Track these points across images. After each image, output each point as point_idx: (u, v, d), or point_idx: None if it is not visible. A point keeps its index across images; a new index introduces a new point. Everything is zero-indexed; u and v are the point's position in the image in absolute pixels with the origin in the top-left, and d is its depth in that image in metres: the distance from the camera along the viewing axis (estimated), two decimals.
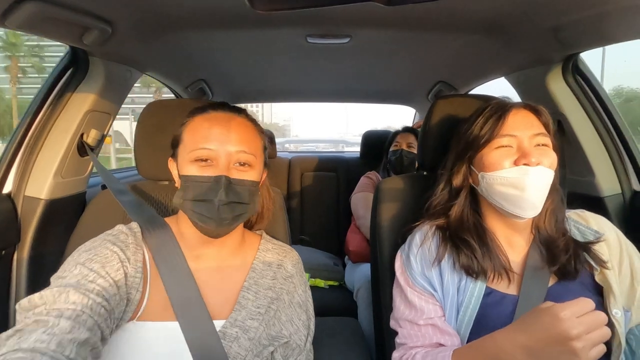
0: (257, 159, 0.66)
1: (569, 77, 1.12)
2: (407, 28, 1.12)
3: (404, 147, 1.78)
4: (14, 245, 0.97)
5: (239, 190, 0.61)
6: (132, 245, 0.63)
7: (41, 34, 0.84)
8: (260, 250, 0.73)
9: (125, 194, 0.78)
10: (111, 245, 0.61)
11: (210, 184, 0.60)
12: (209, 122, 0.63)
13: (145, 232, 0.67)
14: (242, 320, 0.63)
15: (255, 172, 0.65)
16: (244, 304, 0.65)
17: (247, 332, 0.62)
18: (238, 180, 0.61)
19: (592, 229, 0.74)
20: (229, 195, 0.60)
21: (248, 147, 0.63)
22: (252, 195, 0.64)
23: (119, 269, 0.59)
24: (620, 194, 1.09)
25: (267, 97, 2.62)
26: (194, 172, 0.61)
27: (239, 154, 0.62)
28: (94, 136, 1.09)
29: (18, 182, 0.99)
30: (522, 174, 0.65)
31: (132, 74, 1.23)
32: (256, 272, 0.69)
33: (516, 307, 0.66)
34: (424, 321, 0.70)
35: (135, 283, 0.60)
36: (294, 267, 0.73)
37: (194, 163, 0.61)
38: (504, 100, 0.75)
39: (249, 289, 0.67)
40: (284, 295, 0.69)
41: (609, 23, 0.85)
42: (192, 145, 0.62)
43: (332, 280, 1.71)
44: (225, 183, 0.59)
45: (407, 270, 0.74)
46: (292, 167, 2.29)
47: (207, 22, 1.06)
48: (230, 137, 0.62)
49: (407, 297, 0.73)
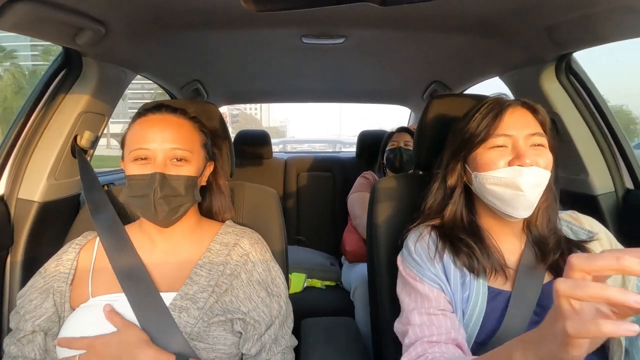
0: (194, 154, 0.71)
1: (562, 77, 1.13)
2: (401, 28, 1.12)
3: (402, 144, 1.79)
4: (7, 249, 0.96)
5: (174, 184, 0.67)
6: (70, 248, 0.75)
7: (34, 35, 0.84)
8: (219, 233, 0.78)
9: (96, 192, 0.85)
10: (40, 279, 0.71)
11: (147, 180, 0.66)
12: (147, 124, 0.70)
13: (94, 218, 0.77)
14: (193, 293, 0.68)
15: (192, 167, 0.70)
16: (196, 279, 0.70)
17: (197, 303, 0.67)
18: (174, 176, 0.67)
19: (585, 229, 0.74)
20: (163, 189, 0.66)
21: (182, 144, 0.69)
22: (189, 188, 0.70)
23: (44, 300, 0.69)
24: (613, 192, 1.10)
25: (262, 98, 2.62)
26: (134, 171, 0.67)
27: (174, 151, 0.68)
28: (88, 137, 1.08)
29: (11, 185, 0.98)
30: (516, 174, 0.65)
31: (127, 75, 1.22)
32: (212, 252, 0.74)
33: (508, 303, 0.67)
34: (438, 311, 0.66)
35: (64, 278, 0.70)
36: (252, 245, 0.76)
37: (134, 162, 0.68)
38: (501, 98, 0.74)
39: (203, 267, 0.72)
40: (242, 274, 0.72)
41: (601, 23, 0.86)
42: (131, 146, 0.69)
43: (328, 281, 1.71)
44: (159, 179, 0.65)
45: (412, 269, 0.72)
46: (288, 167, 2.29)
47: (202, 22, 1.06)
48: (165, 135, 0.68)
49: (416, 289, 0.69)
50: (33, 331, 0.67)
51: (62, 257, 0.73)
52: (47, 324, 0.67)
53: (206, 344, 0.66)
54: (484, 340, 0.66)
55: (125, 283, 0.68)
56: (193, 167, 0.71)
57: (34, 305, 0.68)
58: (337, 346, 0.98)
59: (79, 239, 0.77)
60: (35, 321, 0.66)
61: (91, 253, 0.75)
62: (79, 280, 0.71)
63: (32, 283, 0.71)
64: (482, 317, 0.67)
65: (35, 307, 0.68)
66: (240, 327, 0.69)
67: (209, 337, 0.66)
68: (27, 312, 0.67)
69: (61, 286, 0.70)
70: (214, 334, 0.67)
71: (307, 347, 0.96)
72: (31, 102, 0.99)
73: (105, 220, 0.77)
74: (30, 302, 0.68)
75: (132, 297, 0.66)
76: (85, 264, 0.73)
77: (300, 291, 1.61)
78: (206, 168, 0.77)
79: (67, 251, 0.74)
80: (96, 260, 0.73)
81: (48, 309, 0.68)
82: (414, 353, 0.63)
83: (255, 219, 0.89)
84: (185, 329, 0.65)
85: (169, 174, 0.67)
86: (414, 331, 0.65)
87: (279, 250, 0.88)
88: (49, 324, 0.67)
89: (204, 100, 1.95)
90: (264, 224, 0.89)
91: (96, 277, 0.71)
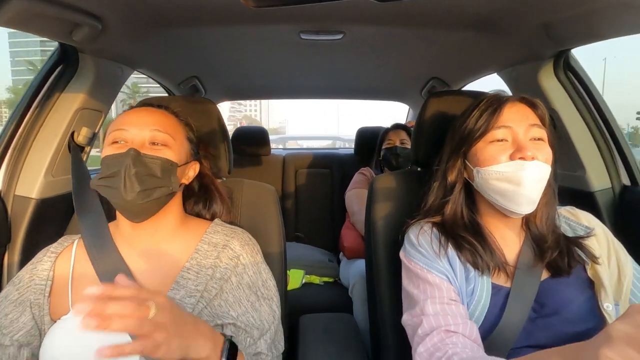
0: (177, 142, 0.68)
1: (560, 73, 1.13)
2: (399, 24, 1.12)
3: (397, 143, 1.79)
4: (5, 246, 0.95)
5: (149, 163, 0.63)
6: (45, 257, 0.70)
7: (30, 31, 0.83)
8: (207, 233, 0.73)
9: (85, 191, 0.80)
10: (14, 291, 0.66)
11: (120, 158, 0.61)
12: (130, 112, 0.69)
13: (80, 218, 0.73)
14: (181, 298, 0.64)
15: (172, 153, 0.67)
16: (183, 283, 0.66)
17: (184, 309, 0.64)
18: (150, 156, 0.63)
19: (583, 225, 0.75)
20: (136, 165, 0.61)
21: (164, 128, 0.66)
22: (166, 172, 0.65)
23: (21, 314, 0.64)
24: (610, 189, 1.11)
25: (260, 94, 2.61)
26: (108, 152, 0.63)
27: (153, 132, 0.65)
28: (85, 134, 1.07)
29: (8, 182, 0.97)
30: (518, 168, 0.65)
31: (124, 71, 1.22)
32: (200, 253, 0.70)
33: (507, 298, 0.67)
34: (450, 300, 0.65)
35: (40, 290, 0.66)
36: (243, 247, 0.72)
37: (110, 146, 0.64)
38: (500, 94, 0.74)
39: (190, 270, 0.68)
40: (232, 277, 0.69)
41: (599, 20, 0.86)
42: (109, 131, 0.66)
43: (327, 277, 1.72)
44: (133, 155, 0.61)
45: (419, 261, 0.71)
46: (287, 164, 2.29)
47: (199, 18, 1.05)
48: (146, 120, 0.66)
49: (428, 280, 0.68)
50: (9, 345, 0.63)
51: (37, 267, 0.69)
52: (26, 338, 0.63)
53: None
54: (484, 335, 0.67)
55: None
56: (174, 153, 0.67)
57: (9, 320, 0.64)
58: (335, 342, 0.98)
59: (54, 246, 0.73)
60: (14, 336, 0.63)
61: (69, 261, 0.70)
62: (57, 291, 0.67)
63: (5, 294, 0.66)
64: (485, 312, 0.67)
65: (12, 322, 0.64)
66: (231, 331, 0.66)
67: None
68: (4, 327, 0.63)
69: (38, 298, 0.65)
70: None
71: (306, 343, 0.96)
72: (28, 98, 0.98)
73: (91, 220, 0.73)
74: (6, 317, 0.64)
75: None
76: (63, 273, 0.68)
77: (298, 287, 1.62)
78: (190, 165, 0.73)
79: (42, 260, 0.70)
80: (75, 268, 0.69)
81: (26, 323, 0.64)
82: (430, 343, 0.61)
83: (253, 215, 0.89)
84: None
85: (145, 153, 0.63)
86: (429, 321, 0.63)
87: (277, 247, 0.88)
88: (28, 338, 0.64)
89: (201, 97, 1.94)
90: (263, 220, 0.89)
91: (76, 286, 0.67)
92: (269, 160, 2.30)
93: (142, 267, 0.68)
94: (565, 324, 0.65)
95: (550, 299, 0.68)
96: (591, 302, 0.67)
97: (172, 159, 0.66)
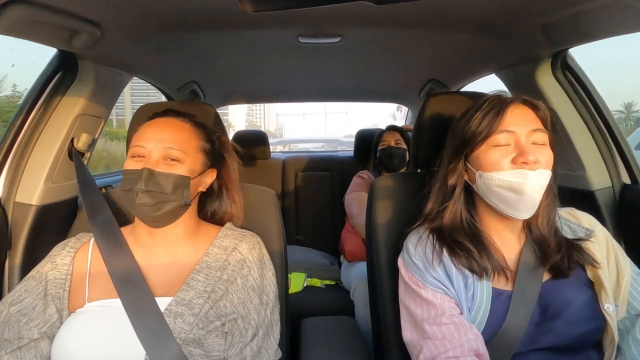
0: (189, 156, 0.72)
1: (558, 73, 1.13)
2: (397, 27, 1.12)
3: (392, 144, 1.80)
4: (5, 253, 0.95)
5: (161, 181, 0.68)
6: (64, 251, 0.74)
7: (29, 38, 0.83)
8: (218, 237, 0.78)
9: (93, 194, 0.86)
10: (37, 285, 0.69)
11: (135, 175, 0.67)
12: (149, 125, 0.73)
13: (91, 220, 0.77)
14: (190, 299, 0.68)
15: (185, 168, 0.71)
16: (193, 284, 0.70)
17: (192, 309, 0.67)
18: (163, 173, 0.68)
19: (583, 227, 0.75)
20: (148, 184, 0.66)
21: (178, 144, 0.71)
22: (178, 187, 0.70)
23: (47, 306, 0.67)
24: (610, 188, 1.11)
25: (260, 98, 2.62)
26: (128, 166, 0.69)
27: (168, 150, 0.70)
28: (84, 140, 1.07)
29: (8, 188, 0.97)
30: (522, 178, 0.64)
31: (123, 77, 1.22)
32: (210, 256, 0.74)
33: (509, 302, 0.67)
34: (448, 319, 0.66)
35: (61, 284, 0.70)
36: (250, 250, 0.76)
37: (131, 159, 0.70)
38: (502, 95, 0.73)
39: (200, 272, 0.72)
40: (238, 279, 0.72)
41: (596, 19, 0.86)
42: (131, 144, 0.71)
43: (328, 280, 1.71)
44: (146, 174, 0.66)
45: (415, 274, 0.72)
46: (286, 167, 2.29)
47: (198, 23, 1.06)
48: (163, 136, 0.70)
49: (422, 297, 0.69)
50: (38, 338, 0.65)
51: (56, 262, 0.72)
52: (52, 331, 0.66)
53: (202, 350, 0.65)
54: (488, 339, 0.66)
55: (121, 287, 0.67)
56: (186, 168, 0.71)
57: (36, 312, 0.66)
58: (338, 345, 0.98)
59: (73, 241, 0.76)
60: (42, 328, 0.65)
61: (86, 256, 0.74)
62: (76, 285, 0.70)
63: (26, 288, 0.69)
64: (486, 316, 0.67)
65: (38, 314, 0.66)
66: (228, 328, 0.68)
67: (205, 344, 0.65)
68: (31, 320, 0.65)
69: (59, 292, 0.69)
70: (208, 341, 0.66)
71: (308, 346, 0.96)
72: (27, 105, 0.98)
73: (102, 222, 0.77)
74: (33, 309, 0.66)
75: (127, 302, 0.66)
76: (81, 268, 0.72)
77: (300, 291, 1.61)
78: (206, 174, 0.77)
79: (62, 254, 0.73)
80: (92, 263, 0.73)
81: (52, 315, 0.67)
82: None
83: (253, 219, 0.89)
84: (179, 335, 0.64)
85: (158, 171, 0.68)
86: (429, 347, 0.66)
87: (278, 250, 0.88)
88: (53, 330, 0.66)
89: (201, 102, 1.94)
90: (263, 224, 0.89)
91: (92, 282, 0.71)
92: (269, 163, 2.30)
93: (153, 268, 0.72)
94: (567, 326, 0.65)
95: (552, 301, 0.67)
96: (591, 303, 0.67)
97: (185, 174, 0.70)
